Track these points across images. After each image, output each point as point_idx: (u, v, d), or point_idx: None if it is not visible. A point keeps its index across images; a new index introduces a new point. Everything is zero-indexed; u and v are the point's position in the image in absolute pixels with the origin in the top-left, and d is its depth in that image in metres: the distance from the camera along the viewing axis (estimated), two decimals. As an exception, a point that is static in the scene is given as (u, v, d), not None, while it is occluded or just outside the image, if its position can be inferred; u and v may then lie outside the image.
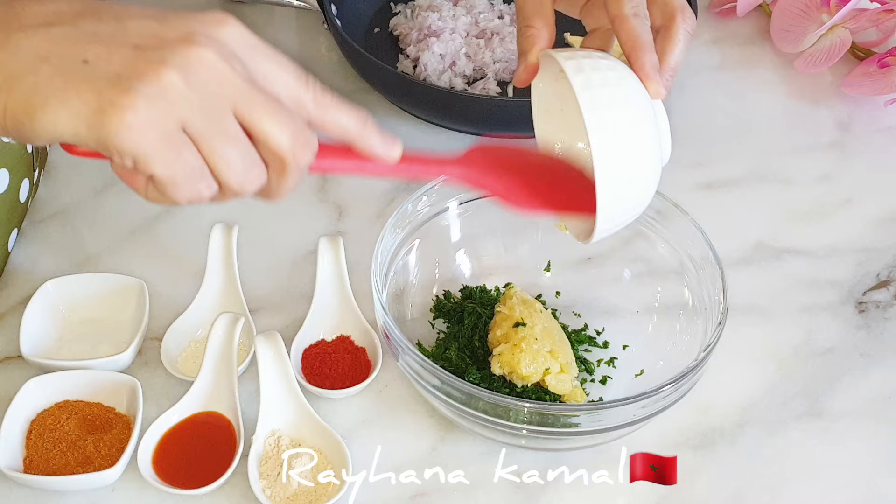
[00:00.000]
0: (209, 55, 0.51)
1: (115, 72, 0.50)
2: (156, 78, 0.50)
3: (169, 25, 0.52)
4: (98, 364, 0.80)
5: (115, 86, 0.50)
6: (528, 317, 0.79)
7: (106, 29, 0.51)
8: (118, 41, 0.51)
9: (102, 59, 0.50)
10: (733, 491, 0.78)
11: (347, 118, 0.57)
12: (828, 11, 1.11)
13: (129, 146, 0.50)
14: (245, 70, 0.53)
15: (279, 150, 0.54)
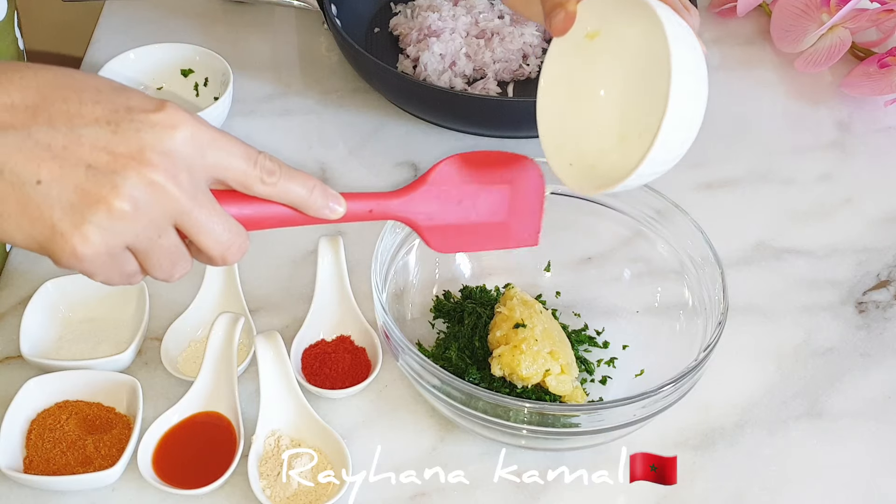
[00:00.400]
0: (158, 177, 0.54)
1: (68, 199, 0.53)
2: (106, 210, 0.53)
3: (121, 136, 0.53)
4: (98, 364, 0.80)
5: (67, 216, 0.53)
6: (529, 318, 0.79)
7: (59, 140, 0.53)
8: (71, 159, 0.53)
9: (56, 181, 0.52)
10: (733, 491, 0.78)
11: (295, 189, 0.60)
12: (828, 11, 1.11)
13: (76, 267, 0.55)
14: (191, 181, 0.55)
15: (210, 256, 0.60)
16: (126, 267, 0.57)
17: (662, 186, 0.86)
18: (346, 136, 1.06)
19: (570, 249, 0.89)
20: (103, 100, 0.54)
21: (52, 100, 0.53)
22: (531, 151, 1.04)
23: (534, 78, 1.12)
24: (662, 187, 0.86)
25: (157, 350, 0.83)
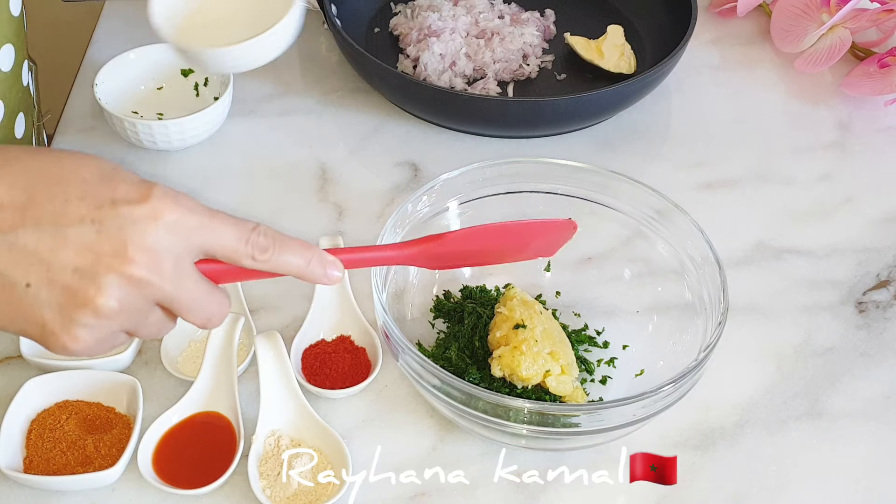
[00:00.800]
0: (141, 273, 0.56)
1: (57, 301, 0.55)
2: (93, 310, 0.55)
3: (105, 235, 0.55)
4: (98, 364, 0.80)
5: (57, 317, 0.56)
6: (529, 318, 0.79)
7: (46, 242, 0.55)
8: (58, 263, 0.55)
9: (44, 285, 0.55)
10: (733, 491, 0.78)
11: (291, 261, 0.61)
12: (828, 11, 1.11)
13: (70, 355, 0.59)
14: (175, 268, 0.57)
15: (195, 325, 0.62)
16: (116, 341, 0.60)
17: (662, 186, 0.86)
18: (346, 136, 1.06)
19: (570, 249, 0.88)
20: (89, 195, 0.55)
21: (40, 199, 0.55)
22: (531, 151, 1.05)
23: (534, 78, 1.12)
24: (662, 187, 0.86)
25: (157, 350, 0.83)
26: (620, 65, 1.10)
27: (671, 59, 1.03)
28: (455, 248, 0.72)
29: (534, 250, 0.76)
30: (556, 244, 0.77)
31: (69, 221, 0.55)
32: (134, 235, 0.55)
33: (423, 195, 0.85)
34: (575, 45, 1.13)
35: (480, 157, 0.87)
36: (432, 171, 1.01)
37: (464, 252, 0.73)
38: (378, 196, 0.98)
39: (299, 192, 0.99)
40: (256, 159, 1.03)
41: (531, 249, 0.76)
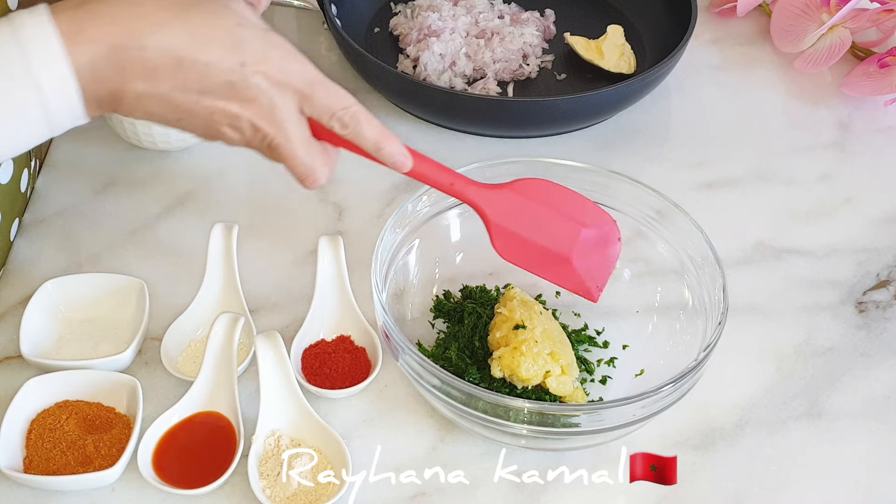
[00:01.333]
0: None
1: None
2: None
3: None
4: (98, 364, 0.80)
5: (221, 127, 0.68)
6: (529, 319, 0.79)
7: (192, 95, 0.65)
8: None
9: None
10: (733, 491, 0.78)
11: (368, 136, 0.70)
12: (828, 11, 1.11)
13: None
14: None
15: (298, 175, 0.72)
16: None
17: (662, 186, 0.86)
18: (346, 136, 1.06)
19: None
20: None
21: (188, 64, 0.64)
22: (531, 151, 1.05)
23: (534, 78, 1.12)
24: (662, 187, 0.86)
25: (157, 350, 0.83)
26: (620, 65, 1.10)
27: (671, 59, 1.03)
28: (519, 205, 0.79)
29: (581, 253, 0.80)
30: (601, 265, 0.81)
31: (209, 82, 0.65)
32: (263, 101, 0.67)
33: (423, 195, 0.85)
34: (575, 45, 1.13)
35: (480, 157, 0.87)
36: (432, 171, 1.00)
37: (525, 215, 0.79)
38: (378, 196, 0.98)
39: (299, 192, 0.98)
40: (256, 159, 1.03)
41: (580, 247, 0.80)
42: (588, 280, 0.80)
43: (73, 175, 0.99)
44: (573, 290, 0.80)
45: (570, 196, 0.81)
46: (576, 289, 0.80)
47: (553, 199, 0.81)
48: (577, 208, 0.81)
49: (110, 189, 0.98)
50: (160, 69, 0.63)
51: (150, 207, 0.96)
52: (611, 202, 0.88)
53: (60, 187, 0.97)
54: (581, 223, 0.80)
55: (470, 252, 0.90)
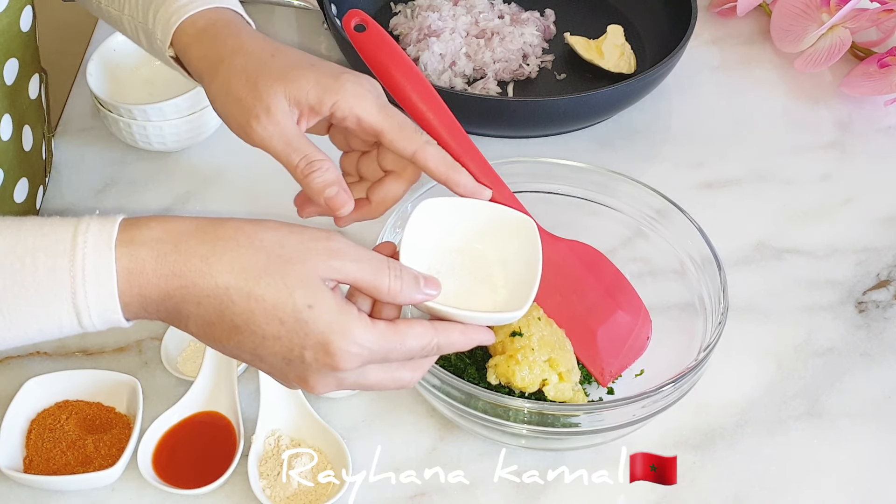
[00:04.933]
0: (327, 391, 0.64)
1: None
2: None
3: (292, 370, 0.62)
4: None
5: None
6: (526, 326, 0.78)
7: (247, 357, 0.62)
8: (263, 364, 0.63)
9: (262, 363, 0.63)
10: (733, 491, 0.78)
11: (457, 343, 0.66)
12: (828, 11, 1.11)
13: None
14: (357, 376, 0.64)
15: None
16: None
17: (662, 186, 0.86)
18: (346, 136, 1.06)
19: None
20: (283, 337, 0.60)
21: (242, 329, 0.60)
22: (532, 151, 1.05)
23: (534, 78, 1.12)
24: (662, 187, 0.86)
25: (157, 350, 0.83)
26: (620, 65, 1.10)
27: (671, 59, 1.03)
28: (568, 263, 0.81)
29: (608, 332, 0.82)
30: (622, 353, 0.82)
31: (265, 353, 0.61)
32: (315, 379, 0.62)
33: (424, 195, 0.85)
34: (575, 45, 1.13)
35: (480, 157, 0.87)
36: (432, 171, 1.00)
37: (570, 275, 0.81)
38: (378, 196, 0.98)
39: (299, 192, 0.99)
40: (255, 159, 1.03)
41: (609, 327, 0.82)
42: (605, 360, 0.81)
43: (74, 175, 0.99)
44: (587, 363, 0.81)
45: (618, 278, 0.83)
46: (590, 363, 0.81)
47: (601, 273, 0.83)
48: (621, 291, 0.83)
49: (110, 189, 0.98)
50: (216, 325, 0.60)
51: (149, 207, 0.96)
52: (611, 202, 0.88)
53: (61, 187, 0.97)
54: (619, 305, 0.82)
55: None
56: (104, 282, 0.57)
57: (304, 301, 0.59)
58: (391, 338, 0.62)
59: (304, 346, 0.60)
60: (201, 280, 0.58)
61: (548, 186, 0.88)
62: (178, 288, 0.58)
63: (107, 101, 0.97)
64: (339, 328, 0.59)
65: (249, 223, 0.61)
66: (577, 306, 0.82)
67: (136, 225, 0.59)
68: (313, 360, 0.60)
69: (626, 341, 0.82)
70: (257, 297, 0.58)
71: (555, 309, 0.80)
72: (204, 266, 0.58)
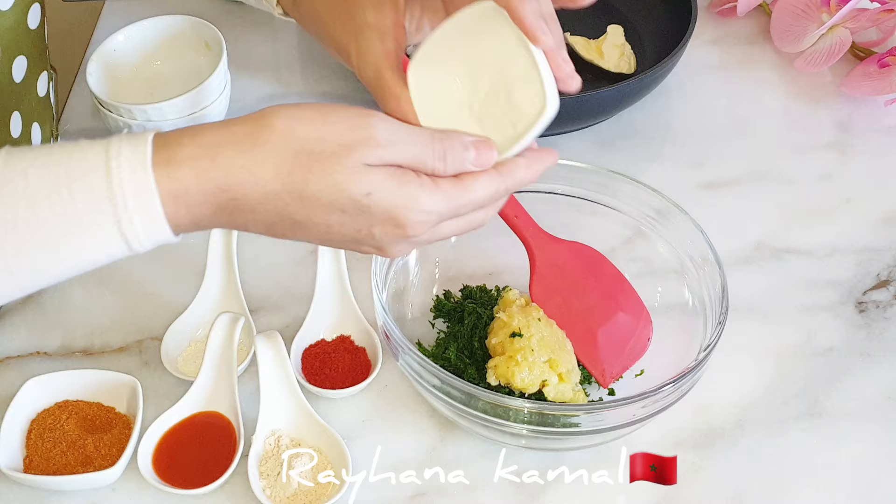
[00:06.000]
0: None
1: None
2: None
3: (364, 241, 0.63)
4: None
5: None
6: (526, 326, 0.78)
7: (315, 238, 0.62)
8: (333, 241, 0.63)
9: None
10: (733, 491, 0.78)
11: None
12: (828, 11, 1.11)
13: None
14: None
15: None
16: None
17: (662, 186, 0.86)
18: (346, 136, 1.06)
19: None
20: (346, 224, 0.61)
21: (303, 218, 0.60)
22: (531, 151, 1.04)
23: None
24: (662, 187, 0.86)
25: (157, 350, 0.83)
26: (620, 65, 1.10)
27: (671, 59, 1.03)
28: (568, 264, 0.81)
29: (609, 333, 0.82)
30: (623, 354, 0.82)
31: (333, 237, 0.62)
32: (390, 247, 0.63)
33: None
34: (575, 45, 1.12)
35: (480, 157, 0.87)
36: (432, 171, 1.00)
37: (571, 276, 0.81)
38: (378, 196, 0.98)
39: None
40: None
41: (610, 328, 0.82)
42: (606, 361, 0.81)
43: (73, 175, 0.99)
44: (587, 364, 0.81)
45: (619, 279, 0.84)
46: (591, 365, 0.81)
47: (602, 274, 0.83)
48: (622, 292, 0.83)
49: (110, 189, 0.98)
50: (276, 224, 0.60)
51: (150, 207, 0.96)
52: (611, 202, 0.88)
53: (60, 187, 0.97)
54: (619, 307, 0.83)
55: (470, 252, 0.90)
56: (148, 207, 0.56)
57: (359, 190, 0.59)
58: (458, 195, 0.61)
59: (371, 225, 0.60)
60: (250, 190, 0.58)
61: (548, 186, 0.88)
62: (228, 200, 0.58)
63: (107, 101, 0.97)
64: (403, 201, 0.59)
65: (281, 118, 0.59)
66: (578, 307, 0.82)
67: (168, 143, 0.58)
68: (383, 234, 0.61)
69: (627, 343, 0.82)
70: (310, 196, 0.58)
71: (555, 310, 0.80)
72: (248, 177, 0.58)
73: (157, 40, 1.04)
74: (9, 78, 0.80)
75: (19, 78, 0.82)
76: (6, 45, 0.79)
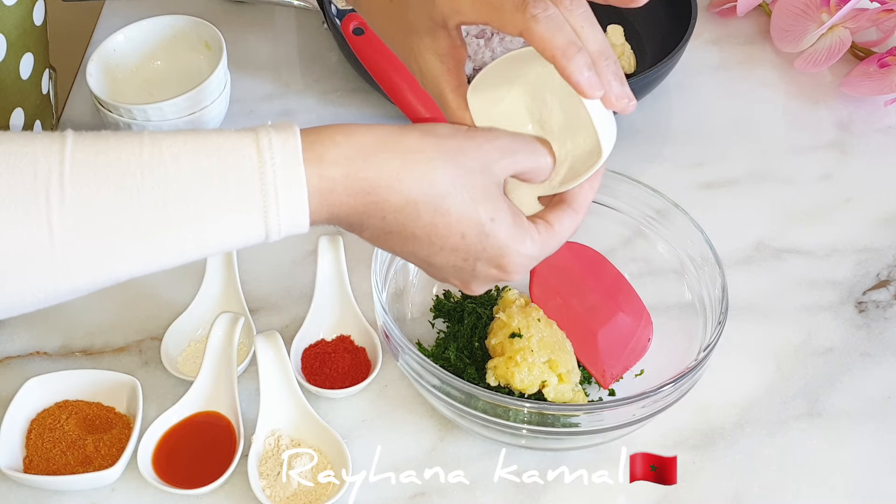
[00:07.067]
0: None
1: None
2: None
3: (468, 274, 0.63)
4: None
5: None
6: (526, 327, 0.78)
7: (422, 263, 0.63)
8: (435, 266, 0.63)
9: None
10: (733, 491, 0.78)
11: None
12: (828, 11, 1.11)
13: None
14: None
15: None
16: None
17: (662, 186, 0.86)
18: (346, 135, 1.06)
19: (571, 249, 0.89)
20: (461, 250, 0.61)
21: (420, 236, 0.60)
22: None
23: (534, 78, 1.12)
24: (662, 187, 0.86)
25: (157, 350, 0.83)
26: (620, 64, 1.10)
27: (671, 59, 1.03)
28: (568, 265, 0.81)
29: (609, 334, 0.82)
30: (623, 355, 0.83)
31: (436, 261, 0.62)
32: (477, 284, 0.64)
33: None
34: (575, 45, 1.12)
35: (480, 157, 0.87)
36: (432, 171, 1.00)
37: (571, 276, 0.81)
38: (378, 196, 0.98)
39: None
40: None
41: (610, 328, 0.82)
42: (606, 362, 0.82)
43: (73, 175, 0.99)
44: (588, 365, 0.81)
45: (619, 280, 0.84)
46: (591, 365, 0.81)
47: (602, 275, 0.83)
48: (622, 293, 0.84)
49: (110, 189, 0.98)
50: (393, 235, 0.60)
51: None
52: (611, 202, 0.88)
53: (60, 187, 0.97)
54: (619, 307, 0.83)
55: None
56: (296, 201, 0.56)
57: (487, 215, 0.60)
58: (550, 240, 0.64)
59: (478, 259, 0.61)
60: (393, 196, 0.58)
61: (548, 186, 0.88)
62: (367, 204, 0.58)
63: (107, 101, 0.97)
64: (513, 241, 0.61)
65: (427, 132, 0.60)
66: (578, 308, 0.82)
67: (321, 140, 0.58)
68: (483, 271, 0.62)
69: (628, 343, 0.82)
70: (444, 211, 0.59)
71: (555, 311, 0.80)
72: (396, 182, 0.58)
73: (157, 40, 1.04)
74: (16, 74, 0.80)
75: (26, 75, 0.82)
76: (13, 41, 0.79)
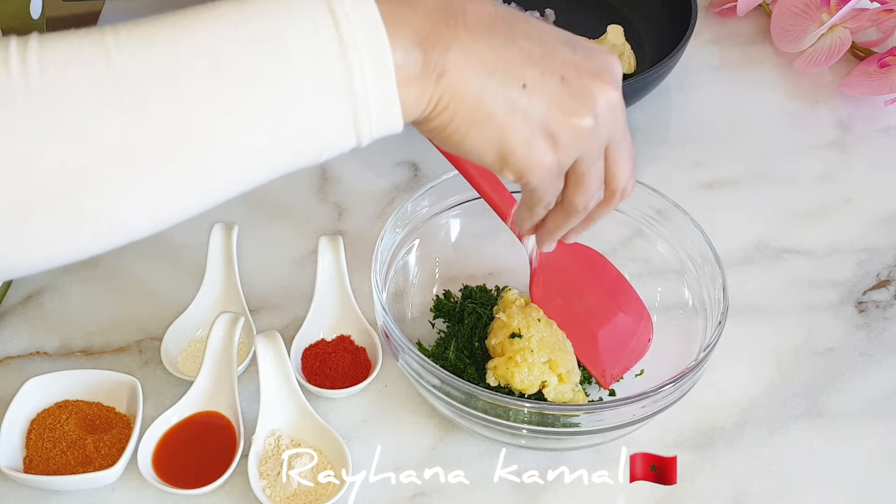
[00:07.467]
0: (615, 97, 0.57)
1: (545, 108, 0.55)
2: (575, 128, 0.56)
3: (581, 55, 0.57)
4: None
5: (539, 124, 0.56)
6: (526, 327, 0.78)
7: (536, 50, 0.56)
8: (549, 68, 0.56)
9: (537, 87, 0.55)
10: (733, 491, 0.78)
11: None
12: (828, 11, 1.11)
13: (530, 179, 0.58)
14: (624, 110, 0.59)
15: (617, 187, 0.62)
16: (559, 185, 0.60)
17: (662, 186, 0.86)
18: (346, 135, 1.06)
19: (570, 249, 0.89)
20: (550, 28, 0.57)
21: (516, 16, 0.56)
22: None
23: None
24: (662, 187, 0.86)
25: (157, 350, 0.83)
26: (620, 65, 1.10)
27: (671, 59, 1.03)
28: (568, 265, 0.81)
29: (609, 334, 0.82)
30: (624, 355, 0.83)
31: (551, 39, 0.56)
32: (605, 63, 0.58)
33: (423, 195, 0.85)
34: (575, 45, 1.12)
35: (480, 157, 0.87)
36: (432, 171, 1.01)
37: (570, 277, 0.81)
38: (378, 196, 0.98)
39: (299, 192, 0.99)
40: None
41: (610, 329, 0.82)
42: (606, 363, 0.82)
43: (73, 175, 0.99)
44: (588, 366, 0.81)
45: (620, 280, 0.84)
46: (591, 366, 0.81)
47: (602, 275, 0.83)
48: (622, 293, 0.83)
49: (110, 189, 0.98)
50: (496, 20, 0.55)
51: (150, 207, 0.96)
52: (611, 202, 0.87)
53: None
54: (620, 307, 0.83)
55: (470, 252, 0.90)
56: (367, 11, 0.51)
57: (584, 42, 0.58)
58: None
59: (583, 46, 0.57)
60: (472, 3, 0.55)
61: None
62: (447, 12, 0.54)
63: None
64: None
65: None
66: (578, 308, 0.82)
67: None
68: (587, 66, 0.56)
69: (628, 344, 0.82)
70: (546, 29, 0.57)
71: (555, 311, 0.80)
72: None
73: None
74: None
75: None
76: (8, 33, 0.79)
